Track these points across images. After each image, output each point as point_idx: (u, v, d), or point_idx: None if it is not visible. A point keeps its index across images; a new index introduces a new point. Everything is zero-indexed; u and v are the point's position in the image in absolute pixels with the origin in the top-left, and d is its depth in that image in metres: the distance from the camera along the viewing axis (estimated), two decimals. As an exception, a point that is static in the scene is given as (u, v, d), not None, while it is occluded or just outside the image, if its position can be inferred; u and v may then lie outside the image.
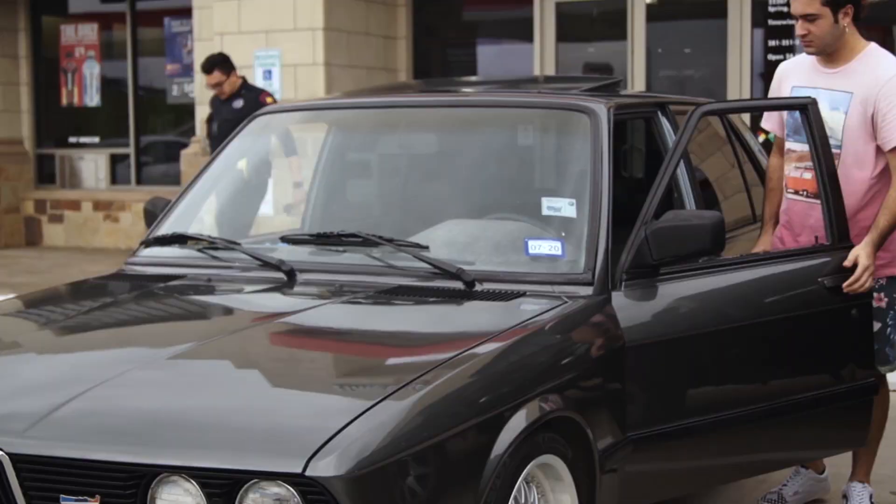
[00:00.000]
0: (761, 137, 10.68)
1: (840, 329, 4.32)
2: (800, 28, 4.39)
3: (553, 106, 4.41)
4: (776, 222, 4.64)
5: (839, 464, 4.83)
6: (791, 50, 11.01)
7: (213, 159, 4.82)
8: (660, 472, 3.93)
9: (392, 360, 3.35)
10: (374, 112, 4.77)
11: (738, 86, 11.09)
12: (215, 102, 9.99)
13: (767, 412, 4.13)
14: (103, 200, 14.25)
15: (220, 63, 9.74)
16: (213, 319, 3.92)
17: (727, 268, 4.14)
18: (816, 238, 4.38)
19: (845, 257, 4.23)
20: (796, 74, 4.57)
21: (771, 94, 4.71)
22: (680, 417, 3.91)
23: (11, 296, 8.75)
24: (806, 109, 4.33)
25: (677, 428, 3.88)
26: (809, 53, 4.48)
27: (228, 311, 4.00)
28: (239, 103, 9.65)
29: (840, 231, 4.28)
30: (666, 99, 4.88)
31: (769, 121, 4.75)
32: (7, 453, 2.85)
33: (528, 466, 3.21)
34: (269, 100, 9.50)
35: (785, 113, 4.59)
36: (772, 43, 11.16)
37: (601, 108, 4.16)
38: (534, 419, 3.19)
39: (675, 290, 3.95)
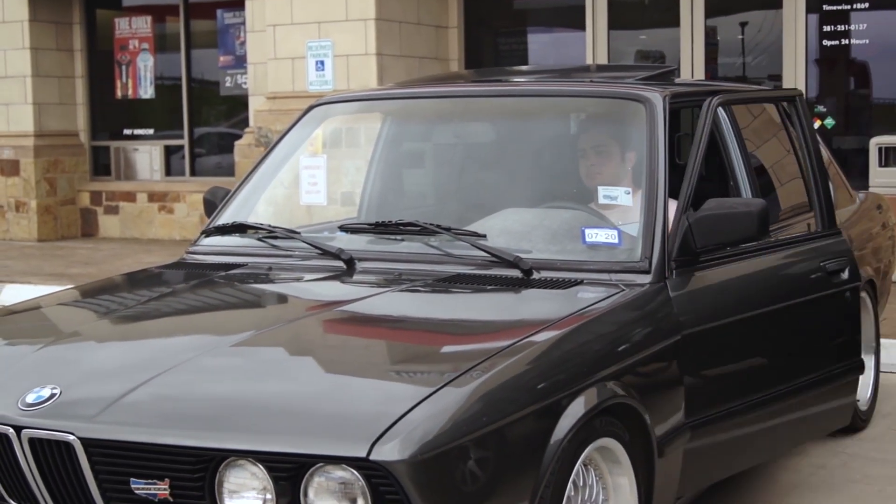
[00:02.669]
0: (816, 123, 10.66)
1: (839, 310, 4.69)
2: None
3: (608, 95, 4.43)
4: None
5: None
6: (846, 35, 10.93)
7: (271, 150, 4.88)
8: (714, 452, 4.02)
9: (453, 348, 3.39)
10: (430, 102, 4.82)
11: (794, 72, 11.02)
12: None
13: (792, 391, 4.38)
14: (158, 192, 14.39)
15: None
16: (276, 307, 3.98)
17: (751, 253, 4.29)
18: (809, 225, 4.78)
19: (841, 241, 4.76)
20: None
21: None
22: (731, 399, 4.04)
23: (69, 286, 8.90)
24: (794, 101, 4.88)
25: (729, 410, 4.01)
26: None
27: (290, 298, 4.05)
28: None
29: (829, 218, 4.78)
30: (721, 87, 4.89)
31: None
32: (79, 437, 2.92)
33: (587, 450, 3.25)
34: None
35: None
36: (827, 28, 11.08)
37: (656, 97, 4.18)
38: (592, 406, 3.22)
39: (715, 276, 4.07)
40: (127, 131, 14.97)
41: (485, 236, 3.96)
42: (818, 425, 4.76)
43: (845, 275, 4.70)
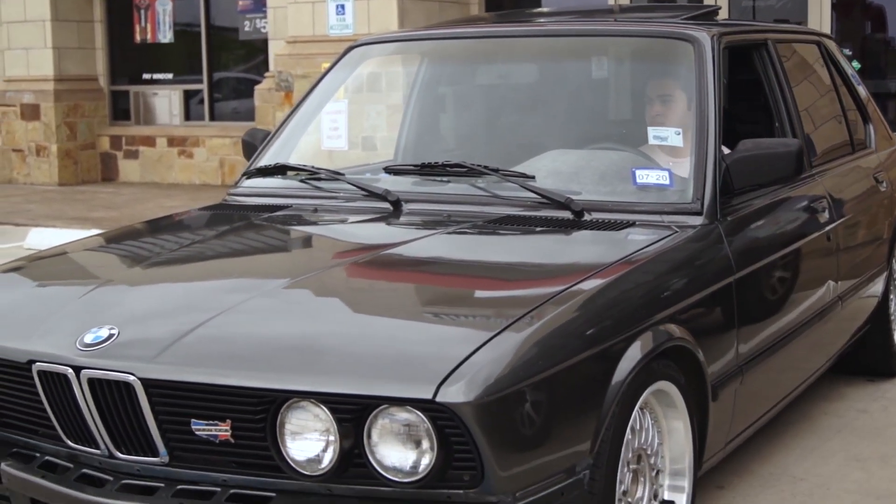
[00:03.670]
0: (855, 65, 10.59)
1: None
2: None
3: (656, 34, 4.37)
4: None
5: None
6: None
7: (310, 91, 4.82)
8: (762, 390, 4.06)
9: (512, 292, 3.34)
10: (472, 42, 4.75)
11: (819, 15, 10.92)
12: None
13: (834, 303, 4.63)
14: (177, 136, 14.35)
15: None
16: (325, 249, 3.94)
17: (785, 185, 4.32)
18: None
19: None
20: None
21: None
22: (778, 333, 4.09)
23: (96, 230, 8.88)
24: (821, 45, 5.17)
25: (775, 345, 4.06)
26: None
27: (338, 240, 4.01)
28: None
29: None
30: (768, 27, 4.84)
31: None
32: (139, 378, 2.89)
33: (645, 393, 3.22)
34: None
35: None
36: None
37: (705, 37, 4.13)
38: (650, 348, 3.19)
39: (758, 215, 4.11)
40: (146, 76, 14.92)
41: (533, 177, 3.91)
42: (851, 326, 5.00)
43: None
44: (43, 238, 9.49)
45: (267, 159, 4.52)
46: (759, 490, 4.12)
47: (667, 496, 3.44)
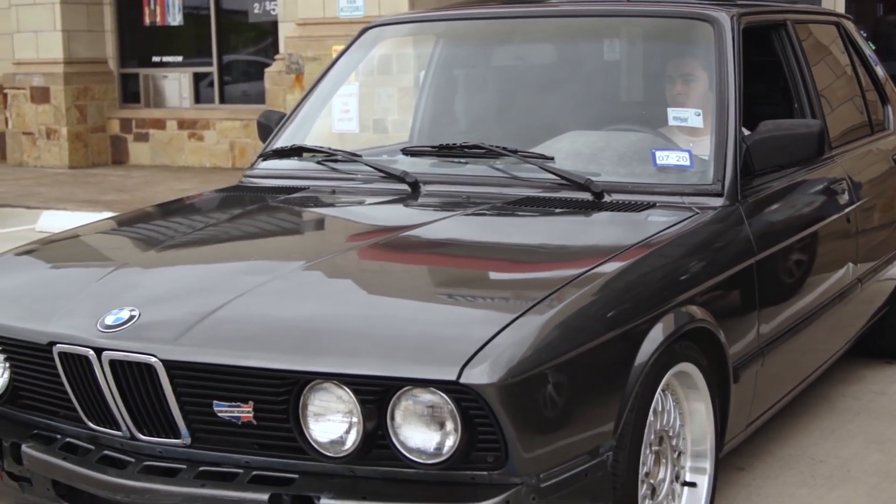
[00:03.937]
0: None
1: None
2: None
3: (675, 15, 4.34)
4: None
5: None
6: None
7: (325, 72, 4.80)
8: (782, 372, 4.05)
9: (534, 274, 3.31)
10: (488, 23, 4.72)
11: (833, -2, 10.88)
12: None
13: (854, 284, 4.61)
14: (187, 119, 14.33)
15: None
16: (345, 230, 3.92)
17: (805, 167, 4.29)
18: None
19: None
20: None
21: None
22: (798, 315, 4.08)
23: (107, 213, 8.87)
24: (840, 26, 5.21)
25: (795, 326, 4.05)
26: None
27: (358, 222, 3.99)
28: None
29: None
30: (786, 7, 4.80)
31: None
32: (161, 360, 2.88)
33: (667, 375, 3.21)
34: None
35: None
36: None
37: (724, 17, 4.10)
38: (672, 330, 3.17)
39: (778, 196, 4.08)
40: (156, 58, 14.89)
41: (552, 158, 3.89)
42: (870, 309, 4.98)
43: None
44: (54, 221, 9.49)
45: (283, 141, 4.50)
46: (780, 472, 4.11)
47: (688, 477, 3.43)
